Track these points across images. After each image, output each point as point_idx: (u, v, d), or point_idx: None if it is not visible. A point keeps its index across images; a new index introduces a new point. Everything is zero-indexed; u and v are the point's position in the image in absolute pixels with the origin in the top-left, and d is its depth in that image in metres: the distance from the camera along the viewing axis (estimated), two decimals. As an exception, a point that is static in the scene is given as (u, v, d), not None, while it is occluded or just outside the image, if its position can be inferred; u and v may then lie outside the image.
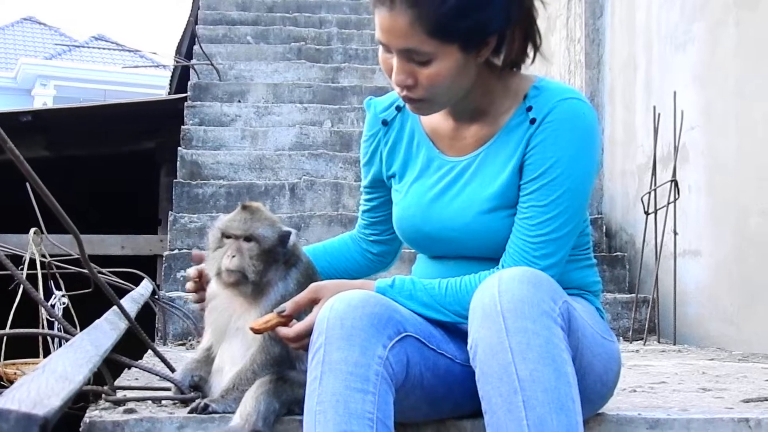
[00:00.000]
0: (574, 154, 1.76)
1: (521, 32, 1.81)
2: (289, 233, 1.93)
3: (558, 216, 1.77)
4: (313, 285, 1.80)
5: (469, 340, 1.61)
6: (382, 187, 2.06)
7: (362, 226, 2.14)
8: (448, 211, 1.87)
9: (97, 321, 1.95)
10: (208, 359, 1.98)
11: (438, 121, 1.92)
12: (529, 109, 1.81)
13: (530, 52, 1.86)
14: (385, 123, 1.98)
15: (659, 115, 4.29)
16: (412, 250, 2.04)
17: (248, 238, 1.89)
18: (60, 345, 3.58)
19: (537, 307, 1.56)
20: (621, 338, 4.26)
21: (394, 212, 2.00)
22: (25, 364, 4.01)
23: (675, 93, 4.18)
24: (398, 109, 1.97)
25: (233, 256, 1.88)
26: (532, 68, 1.97)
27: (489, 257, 1.85)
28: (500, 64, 1.83)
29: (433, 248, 1.95)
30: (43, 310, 3.78)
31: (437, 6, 1.66)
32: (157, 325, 4.04)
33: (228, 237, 1.91)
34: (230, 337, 1.94)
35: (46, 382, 1.16)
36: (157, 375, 2.04)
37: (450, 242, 1.89)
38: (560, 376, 1.53)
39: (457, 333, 1.85)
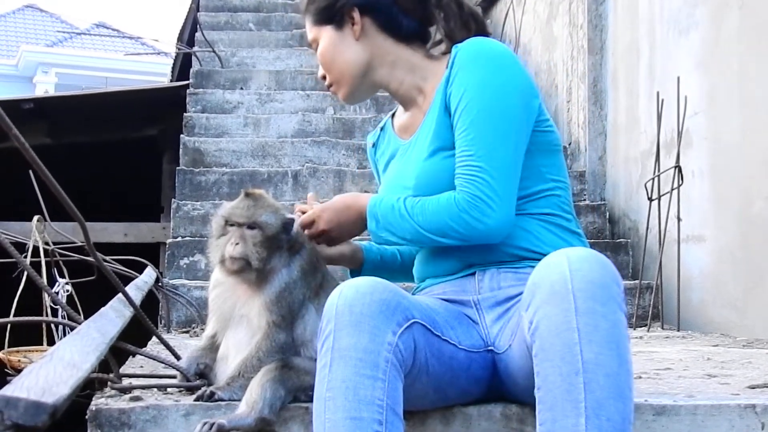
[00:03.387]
0: (483, 79, 1.89)
1: (436, 18, 2.05)
2: (292, 220, 1.93)
3: (480, 135, 1.86)
4: (316, 210, 2.00)
5: (529, 314, 1.60)
6: None
7: None
8: (404, 176, 2.00)
9: (102, 309, 1.95)
10: (213, 347, 1.98)
11: (401, 118, 2.12)
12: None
13: (457, 34, 2.02)
14: (374, 145, 2.22)
15: (662, 100, 4.28)
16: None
17: (251, 226, 1.89)
18: (64, 332, 3.59)
19: (607, 290, 1.56)
20: (625, 324, 4.25)
21: None
22: (29, 351, 4.01)
23: (678, 78, 4.16)
24: (381, 129, 2.20)
25: (237, 244, 1.88)
26: (535, 53, 2.02)
27: None
28: (431, 47, 2.08)
29: None
30: (46, 298, 3.79)
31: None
32: (160, 313, 4.05)
33: (231, 224, 1.91)
34: (235, 324, 1.94)
35: (54, 369, 1.16)
36: (162, 362, 2.04)
37: None
38: (622, 362, 1.52)
39: (459, 319, 1.86)
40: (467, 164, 1.85)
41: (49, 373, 1.12)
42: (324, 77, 2.09)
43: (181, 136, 5.72)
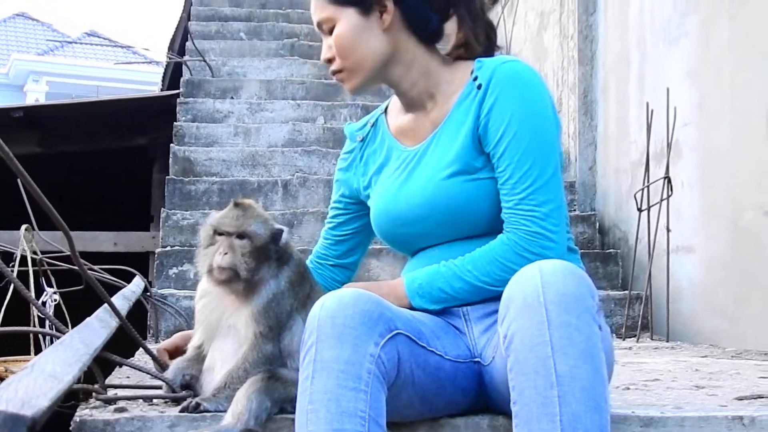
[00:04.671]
0: (527, 106, 1.83)
1: (460, 20, 1.96)
2: (281, 231, 1.92)
3: (534, 165, 1.81)
4: None
5: (503, 329, 1.59)
6: (354, 204, 2.13)
7: (326, 247, 2.18)
8: (413, 189, 1.92)
9: (87, 319, 1.94)
10: (199, 357, 1.97)
11: (400, 119, 2.02)
12: (476, 79, 1.89)
13: (477, 42, 1.96)
14: (362, 140, 2.09)
15: (652, 111, 4.29)
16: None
17: (241, 235, 1.88)
18: (52, 342, 3.57)
19: (581, 303, 1.55)
20: (614, 335, 4.25)
21: (371, 214, 2.04)
22: (16, 361, 3.99)
23: (668, 89, 4.17)
24: (372, 125, 2.09)
25: (225, 253, 1.87)
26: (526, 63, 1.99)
27: (464, 237, 1.89)
28: (449, 53, 1.97)
29: (410, 237, 1.97)
30: (34, 307, 3.77)
31: None
32: (149, 323, 4.03)
33: (220, 234, 1.90)
34: (221, 335, 1.92)
35: (35, 381, 1.15)
36: (148, 373, 2.03)
37: (420, 221, 1.92)
38: (597, 375, 1.52)
39: (445, 330, 1.85)
40: (522, 199, 1.81)
41: (29, 385, 1.11)
42: (329, 61, 1.95)
43: (172, 145, 5.71)
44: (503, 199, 1.84)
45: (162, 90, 8.93)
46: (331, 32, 1.92)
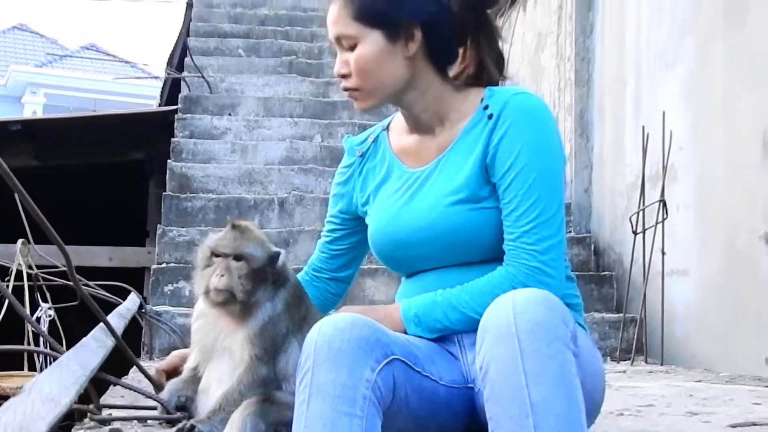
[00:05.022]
0: (537, 140, 1.83)
1: (474, 50, 1.96)
2: (278, 253, 1.92)
3: (539, 199, 1.81)
4: None
5: (479, 359, 1.60)
6: (350, 219, 2.11)
7: (322, 260, 2.17)
8: (414, 213, 1.91)
9: (84, 339, 1.94)
10: (194, 379, 1.97)
11: (404, 139, 2.01)
12: (486, 107, 1.89)
13: (491, 70, 1.96)
14: (361, 154, 2.07)
15: (648, 134, 4.31)
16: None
17: (238, 257, 1.89)
18: (46, 357, 3.56)
19: (553, 331, 1.56)
20: (608, 358, 4.26)
21: (369, 232, 2.03)
22: (9, 376, 3.99)
23: (664, 113, 4.19)
24: (373, 141, 2.07)
25: (222, 275, 1.87)
26: (522, 84, 2.00)
27: (463, 263, 1.89)
28: (457, 77, 1.97)
29: (408, 259, 1.97)
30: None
31: None
32: (143, 339, 4.02)
33: (217, 256, 1.90)
34: (217, 356, 1.93)
35: (33, 405, 1.15)
36: (143, 394, 2.03)
37: (420, 245, 1.91)
38: (572, 401, 1.53)
39: (440, 354, 1.85)
40: (524, 232, 1.81)
41: (27, 409, 1.11)
42: (343, 76, 1.90)
43: (169, 161, 5.72)
44: (506, 230, 1.84)
45: (160, 105, 8.95)
46: (350, 49, 1.88)
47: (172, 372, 2.05)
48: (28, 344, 3.87)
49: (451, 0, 1.90)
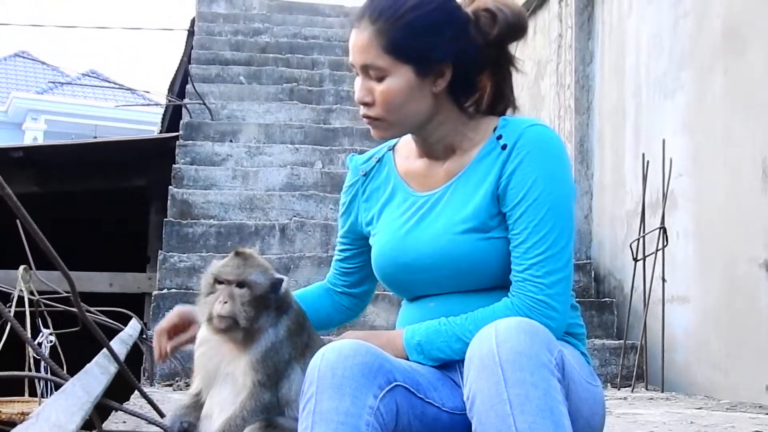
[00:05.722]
0: (550, 174, 1.83)
1: (492, 80, 1.96)
2: (281, 280, 1.93)
3: (549, 233, 1.81)
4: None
5: (466, 390, 1.62)
6: (359, 239, 2.10)
7: (335, 276, 2.18)
8: (422, 238, 1.91)
9: (88, 365, 1.95)
10: (197, 405, 1.97)
11: (412, 162, 2.00)
12: (499, 137, 1.89)
13: (507, 100, 1.99)
14: (365, 174, 2.06)
15: (648, 162, 4.33)
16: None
17: (241, 284, 1.89)
18: (46, 383, 3.56)
19: (536, 359, 1.57)
20: (609, 385, 4.26)
21: (372, 253, 2.03)
22: (10, 402, 3.98)
23: (664, 141, 4.22)
24: (378, 160, 2.06)
25: (225, 302, 1.87)
26: (522, 112, 2.02)
27: (467, 290, 1.89)
28: (470, 105, 1.95)
29: (412, 283, 1.96)
30: (30, 348, 3.76)
31: (393, 23, 1.82)
32: (144, 365, 4.03)
33: (220, 282, 1.91)
34: (220, 383, 1.93)
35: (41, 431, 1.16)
36: (146, 420, 2.03)
37: (426, 271, 1.91)
38: (558, 428, 1.54)
39: (443, 381, 1.86)
40: (532, 264, 1.81)
41: (35, 436, 1.12)
42: (366, 104, 1.87)
43: (170, 187, 5.74)
44: (514, 261, 1.84)
45: (161, 131, 8.99)
46: (378, 80, 1.85)
47: (174, 332, 2.03)
48: (29, 370, 3.86)
49: (480, 36, 1.89)
